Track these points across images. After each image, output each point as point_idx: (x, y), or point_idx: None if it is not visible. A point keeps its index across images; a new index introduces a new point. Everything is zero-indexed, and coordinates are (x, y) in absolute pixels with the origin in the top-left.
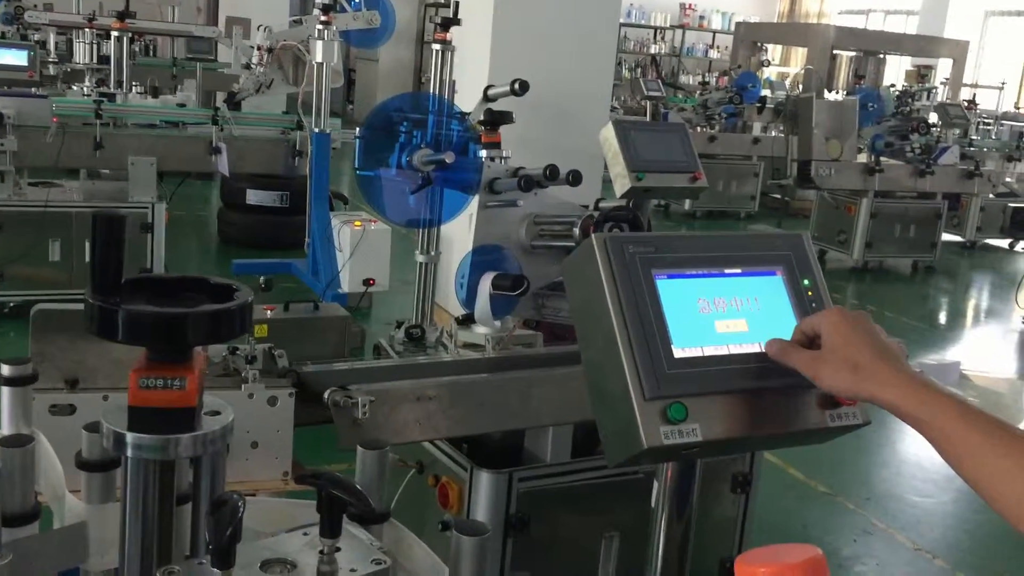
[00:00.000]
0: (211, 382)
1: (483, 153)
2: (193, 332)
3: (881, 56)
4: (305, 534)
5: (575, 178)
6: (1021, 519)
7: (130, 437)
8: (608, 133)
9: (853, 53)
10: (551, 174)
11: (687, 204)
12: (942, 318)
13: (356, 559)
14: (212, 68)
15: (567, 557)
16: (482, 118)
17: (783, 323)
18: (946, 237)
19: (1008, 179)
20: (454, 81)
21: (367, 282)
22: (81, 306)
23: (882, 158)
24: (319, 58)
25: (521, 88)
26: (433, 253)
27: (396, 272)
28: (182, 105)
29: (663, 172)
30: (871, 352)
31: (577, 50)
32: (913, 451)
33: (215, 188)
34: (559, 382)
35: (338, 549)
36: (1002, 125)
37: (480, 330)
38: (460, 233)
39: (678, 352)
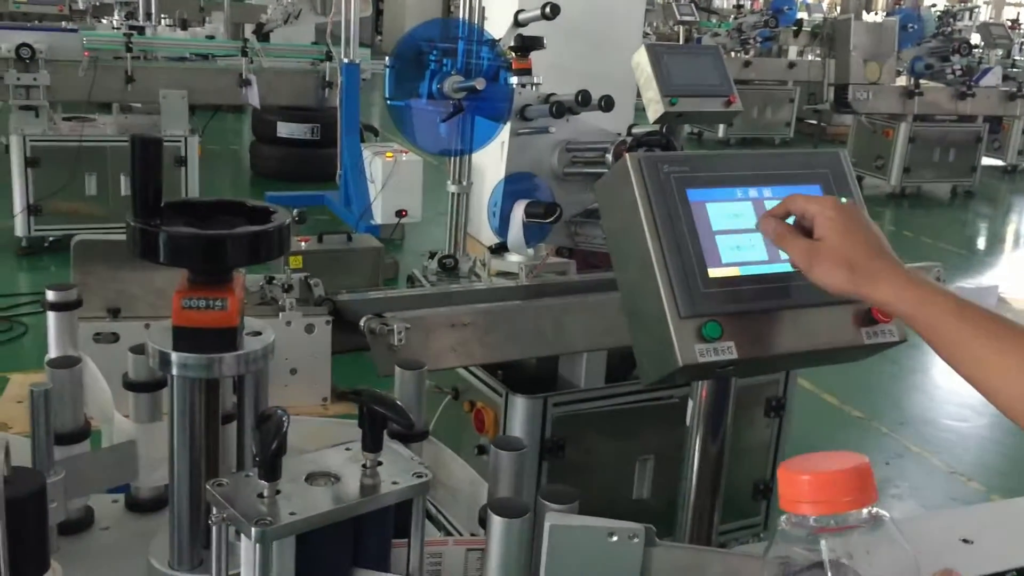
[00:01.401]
0: (249, 311)
1: (514, 80)
2: (233, 253)
3: None
4: (347, 449)
5: (607, 104)
6: (1022, 416)
7: (175, 356)
8: (640, 57)
9: None
10: (583, 100)
11: (720, 131)
12: (981, 243)
13: (397, 472)
14: (240, 0)
15: (602, 480)
16: (512, 44)
17: None
18: (986, 161)
19: None
20: (484, 8)
21: (399, 213)
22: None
23: (921, 81)
24: None
25: (552, 11)
26: (465, 183)
27: (428, 203)
28: (211, 37)
29: (697, 96)
30: (866, 250)
31: None
32: (947, 375)
33: (246, 121)
34: (593, 308)
35: (380, 463)
36: None
37: (513, 258)
38: (492, 163)
39: (713, 271)
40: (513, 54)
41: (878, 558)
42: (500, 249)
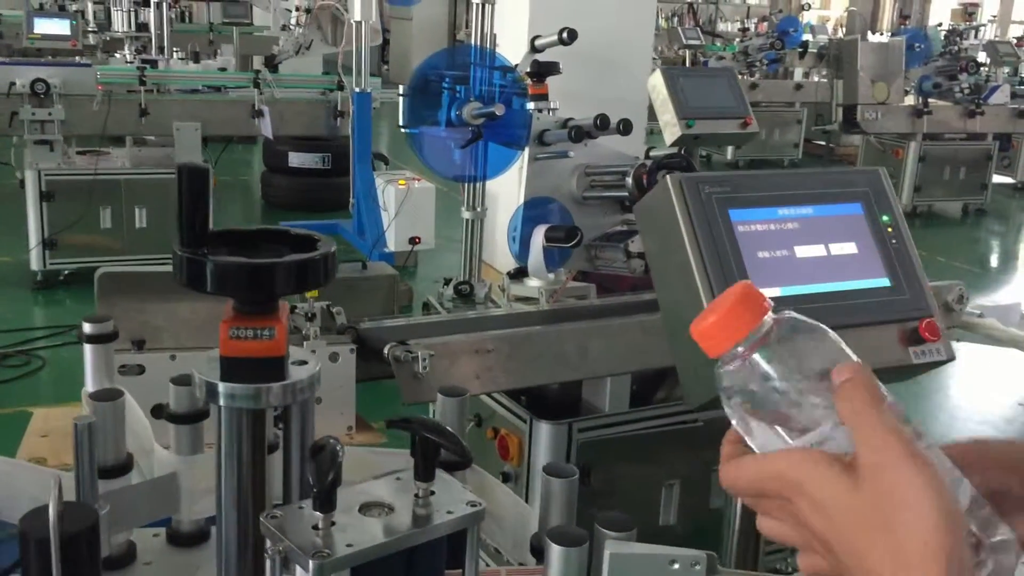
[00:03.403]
0: None
1: (531, 105)
2: (281, 281)
3: None
4: (398, 479)
5: (626, 127)
6: None
7: (222, 387)
8: (656, 80)
9: None
10: (601, 124)
11: (729, 153)
12: (994, 261)
13: (450, 502)
14: (248, 32)
15: (627, 506)
16: (528, 70)
17: (864, 260)
18: (997, 179)
19: None
20: (495, 35)
21: (413, 240)
22: (145, 268)
23: (930, 100)
24: (357, 16)
25: (570, 37)
26: (479, 209)
27: (441, 230)
28: (223, 69)
29: (713, 119)
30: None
31: None
32: (968, 396)
33: (257, 152)
34: (616, 333)
35: (432, 492)
36: None
37: (532, 283)
38: (506, 188)
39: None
40: (530, 79)
41: (804, 350)
42: (519, 274)
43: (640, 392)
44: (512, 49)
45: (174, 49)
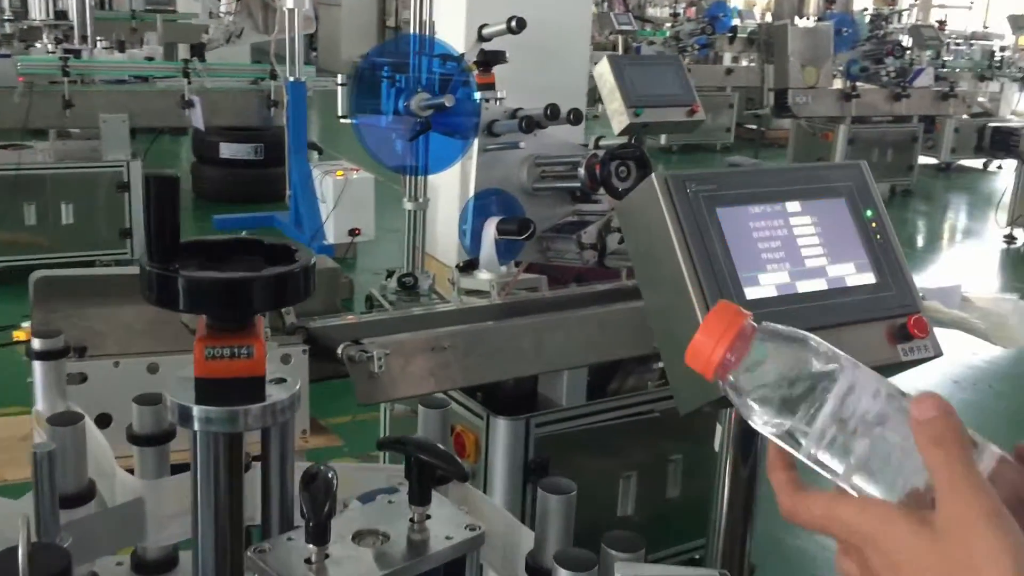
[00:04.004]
0: None
1: (477, 95)
2: (260, 297)
3: None
4: (390, 502)
5: (576, 117)
6: None
7: (197, 411)
8: (603, 69)
9: None
10: (552, 114)
11: (663, 139)
12: (921, 241)
13: (448, 526)
14: (172, 19)
15: (586, 498)
16: (475, 59)
17: (851, 256)
18: (922, 160)
19: (981, 99)
20: (434, 23)
21: (352, 232)
22: (84, 271)
23: (858, 83)
24: (290, 3)
25: (519, 25)
26: (422, 200)
27: (379, 221)
28: (150, 59)
29: (661, 107)
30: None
31: None
32: (938, 391)
33: (185, 143)
34: (572, 326)
35: (428, 516)
36: (971, 45)
37: (483, 276)
38: (446, 179)
39: (749, 292)
40: (476, 69)
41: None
42: (468, 267)
43: (593, 384)
44: (450, 38)
45: (98, 38)
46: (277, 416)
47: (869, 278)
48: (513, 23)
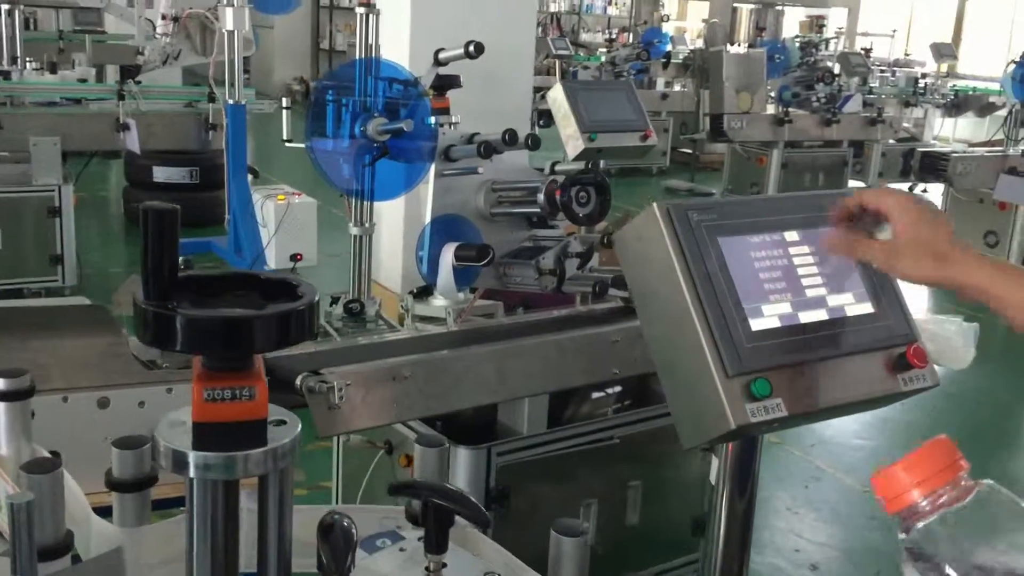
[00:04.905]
0: (175, 375)
1: (432, 119)
2: (262, 336)
3: (779, 8)
4: (402, 549)
5: (534, 142)
6: None
7: (195, 457)
8: (557, 94)
9: (753, 6)
10: (510, 139)
11: (602, 162)
12: None
13: (465, 574)
14: (101, 40)
15: (547, 527)
16: (431, 84)
17: (849, 285)
18: (852, 183)
19: (906, 124)
20: (379, 45)
21: (294, 257)
22: (28, 302)
23: (790, 109)
24: (229, 26)
25: (476, 50)
26: (368, 224)
27: (321, 246)
28: (83, 80)
29: (614, 132)
30: (946, 238)
31: (498, 9)
32: None
33: (115, 166)
34: (533, 352)
35: (444, 565)
36: (895, 73)
37: (438, 302)
38: (389, 204)
39: (755, 324)
40: (431, 93)
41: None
42: (423, 293)
43: (553, 411)
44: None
45: (28, 59)
46: (278, 461)
47: (867, 307)
48: (471, 48)
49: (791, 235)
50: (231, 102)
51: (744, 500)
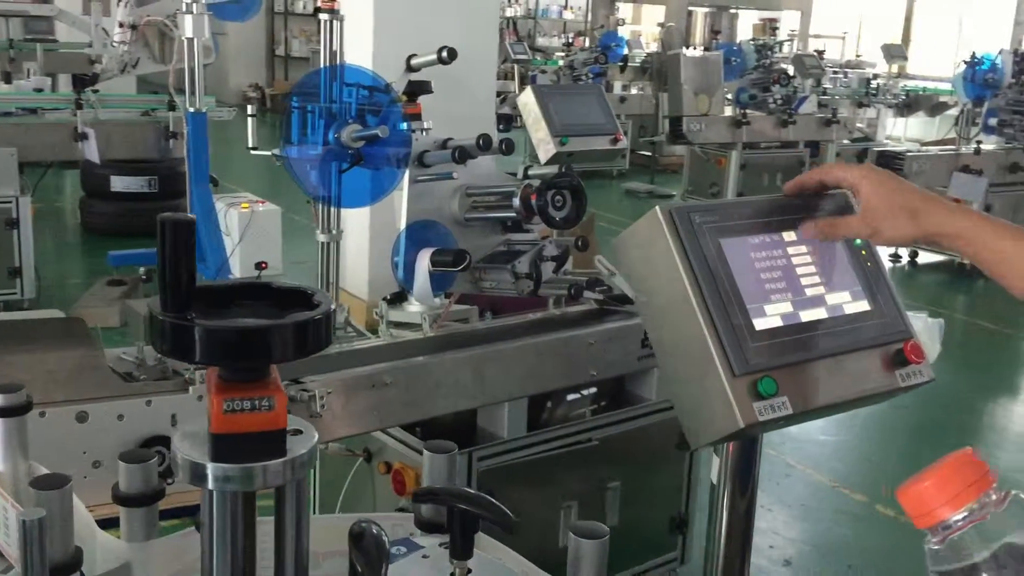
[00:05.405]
0: (153, 387)
1: (403, 125)
2: (280, 346)
3: (734, 11)
4: (425, 556)
5: (508, 147)
6: None
7: (213, 468)
8: (528, 98)
9: (708, 9)
10: (484, 144)
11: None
12: None
13: None
14: (53, 48)
15: (529, 530)
16: (403, 90)
17: (847, 284)
18: None
19: (859, 124)
20: (343, 52)
21: (259, 266)
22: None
23: (748, 110)
24: (189, 33)
25: (450, 56)
26: (335, 231)
27: (285, 253)
28: (39, 90)
29: (585, 135)
30: (920, 195)
31: (461, 14)
32: None
33: (71, 177)
34: (512, 357)
35: (469, 571)
36: (846, 75)
37: (412, 308)
38: (355, 211)
39: (759, 323)
40: (403, 99)
41: None
42: (396, 299)
43: (530, 414)
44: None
45: None
46: (296, 471)
47: (864, 305)
48: (444, 53)
49: (789, 235)
50: (192, 110)
51: (745, 499)
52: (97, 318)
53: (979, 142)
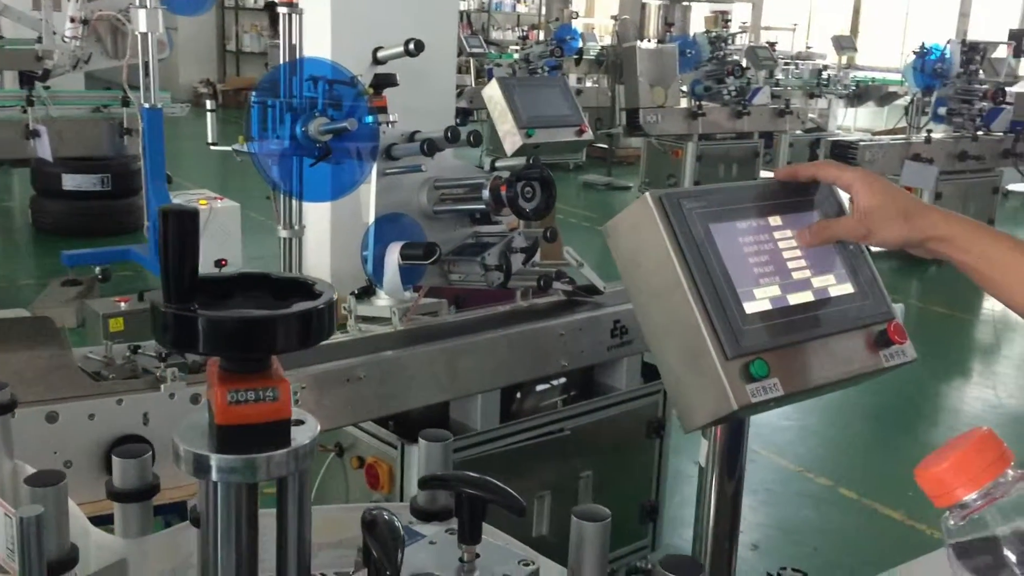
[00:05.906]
0: (123, 386)
1: (369, 118)
2: (284, 336)
3: (686, 3)
4: (432, 542)
5: (476, 138)
6: None
7: (217, 460)
8: (493, 91)
9: (661, 2)
10: (452, 136)
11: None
12: None
13: (500, 563)
14: None
15: (504, 521)
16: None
17: (831, 267)
18: (763, 174)
19: (811, 115)
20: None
21: (219, 263)
22: None
23: (703, 102)
24: (143, 28)
25: (416, 48)
26: (297, 227)
27: (245, 249)
28: None
29: (551, 127)
30: (913, 200)
31: (420, 6)
32: None
33: (18, 175)
34: (485, 349)
35: (477, 555)
36: (798, 67)
37: (381, 302)
38: (315, 206)
39: (748, 306)
40: (371, 92)
41: None
42: (364, 293)
43: (502, 406)
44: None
45: None
46: (300, 461)
47: (848, 288)
48: (411, 46)
49: (775, 220)
50: (147, 106)
51: (733, 481)
52: (54, 318)
53: (929, 131)
